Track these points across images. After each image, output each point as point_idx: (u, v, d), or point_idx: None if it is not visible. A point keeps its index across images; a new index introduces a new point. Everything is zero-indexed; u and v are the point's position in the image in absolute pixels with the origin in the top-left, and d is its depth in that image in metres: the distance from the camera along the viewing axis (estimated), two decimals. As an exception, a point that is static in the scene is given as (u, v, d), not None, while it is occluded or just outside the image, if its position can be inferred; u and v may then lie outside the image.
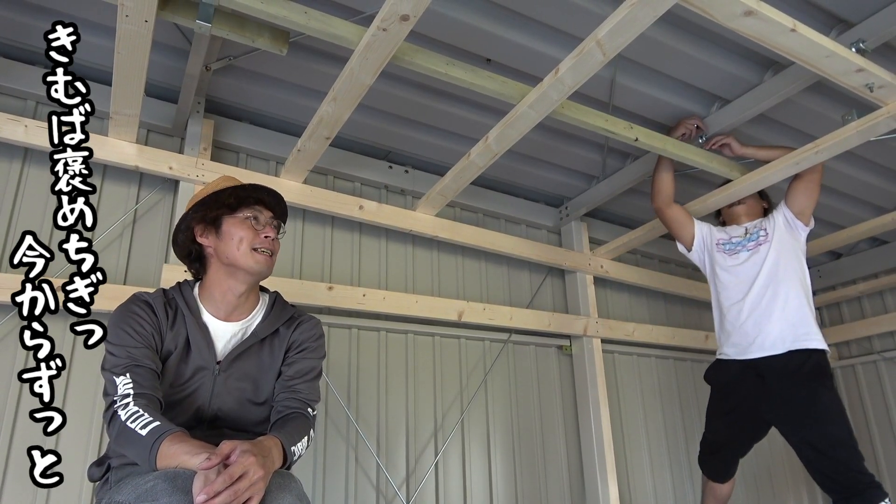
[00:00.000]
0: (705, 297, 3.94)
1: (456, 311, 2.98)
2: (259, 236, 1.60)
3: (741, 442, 2.58)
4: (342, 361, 2.74)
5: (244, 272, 1.58)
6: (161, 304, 1.55)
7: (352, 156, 2.99)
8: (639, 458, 3.49)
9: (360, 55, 1.91)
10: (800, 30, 1.82)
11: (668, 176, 2.76)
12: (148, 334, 1.48)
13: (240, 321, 1.63)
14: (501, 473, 3.01)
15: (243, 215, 1.61)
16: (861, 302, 4.31)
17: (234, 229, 1.59)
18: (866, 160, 3.19)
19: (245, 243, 1.57)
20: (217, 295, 1.61)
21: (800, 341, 2.36)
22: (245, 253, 1.57)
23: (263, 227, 1.63)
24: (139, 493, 1.16)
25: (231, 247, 1.57)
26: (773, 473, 3.99)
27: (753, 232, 2.60)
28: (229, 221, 1.60)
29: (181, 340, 1.53)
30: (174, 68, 2.43)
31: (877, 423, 4.11)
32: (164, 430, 1.28)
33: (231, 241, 1.58)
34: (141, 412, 1.31)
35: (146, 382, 1.40)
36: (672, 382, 3.83)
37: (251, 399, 1.59)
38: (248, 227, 1.60)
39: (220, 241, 1.59)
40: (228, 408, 1.55)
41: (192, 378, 1.52)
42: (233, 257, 1.57)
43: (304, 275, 2.75)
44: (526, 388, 3.26)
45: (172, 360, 1.51)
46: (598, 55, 1.90)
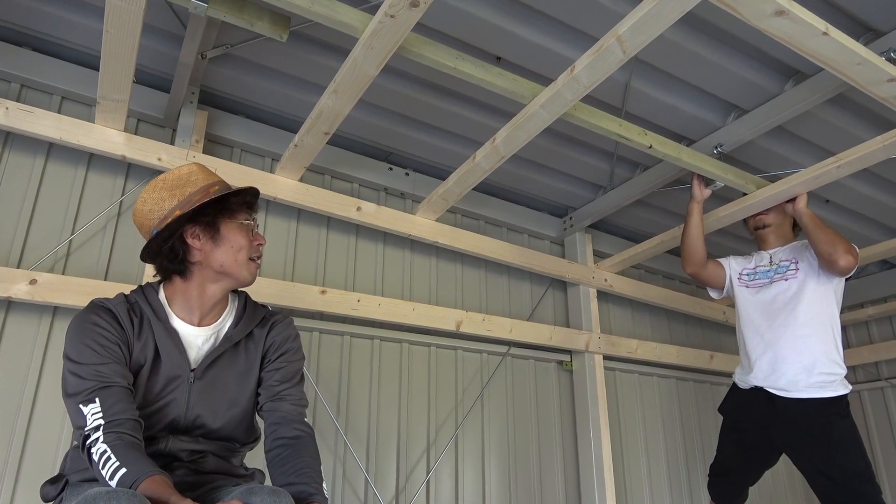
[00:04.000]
0: (711, 315, 3.87)
1: (454, 321, 2.85)
2: (254, 244, 1.52)
3: (752, 467, 2.45)
4: (333, 370, 2.60)
5: (234, 280, 1.49)
6: (125, 312, 1.40)
7: (351, 155, 2.88)
8: (638, 480, 3.36)
9: (365, 44, 1.80)
10: (832, 34, 1.72)
11: (699, 235, 2.55)
12: (115, 346, 1.34)
13: (210, 325, 1.50)
14: (496, 493, 2.87)
15: (243, 220, 1.51)
16: (869, 326, 4.20)
17: (234, 236, 1.48)
18: (883, 178, 3.09)
19: (244, 252, 1.48)
20: (194, 299, 1.47)
21: (813, 389, 2.23)
22: (243, 262, 1.48)
23: (255, 234, 1.54)
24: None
25: (229, 254, 1.46)
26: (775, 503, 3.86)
27: (782, 264, 2.43)
28: (229, 226, 1.48)
29: (150, 351, 1.39)
30: (167, 55, 2.31)
31: (882, 452, 3.99)
32: (134, 478, 1.13)
33: (230, 248, 1.47)
34: (109, 454, 1.17)
35: (118, 406, 1.25)
36: (674, 403, 3.71)
37: (230, 406, 1.46)
38: (247, 234, 1.50)
39: (217, 247, 1.46)
40: (206, 417, 1.42)
41: (164, 389, 1.39)
42: (228, 265, 1.46)
43: (297, 277, 2.62)
44: (524, 405, 3.13)
45: (143, 372, 1.38)
46: (617, 52, 1.79)
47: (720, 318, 3.91)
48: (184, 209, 1.42)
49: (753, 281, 2.49)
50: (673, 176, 2.84)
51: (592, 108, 2.26)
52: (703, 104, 2.61)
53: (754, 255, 2.58)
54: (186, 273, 1.46)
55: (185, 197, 1.45)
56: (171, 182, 1.47)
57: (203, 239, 1.45)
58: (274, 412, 1.49)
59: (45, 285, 2.03)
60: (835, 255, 2.20)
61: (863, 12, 2.13)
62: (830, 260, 2.22)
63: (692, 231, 2.56)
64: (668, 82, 2.50)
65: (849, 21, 2.16)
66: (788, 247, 2.48)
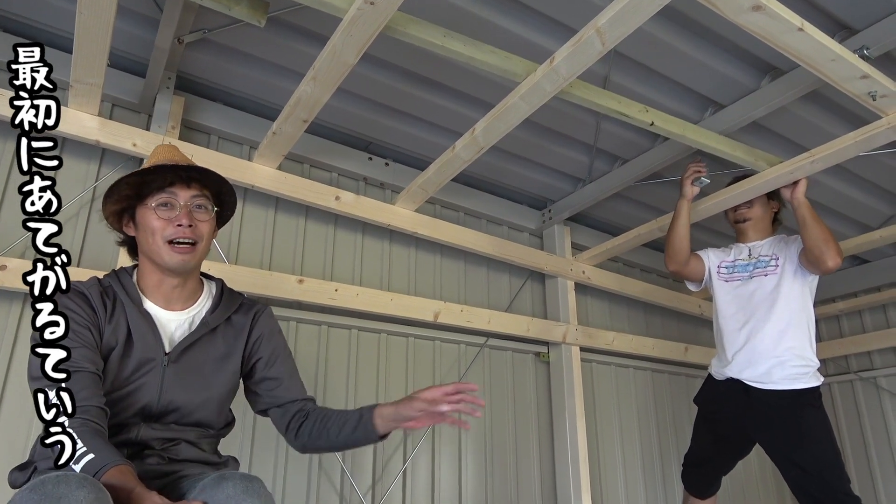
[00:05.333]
0: (687, 308, 3.91)
1: (432, 312, 2.85)
2: (172, 225, 1.40)
3: (725, 457, 2.50)
4: (310, 360, 2.59)
5: (160, 267, 1.43)
6: (97, 294, 1.38)
7: (330, 144, 2.85)
8: (613, 470, 3.40)
9: (345, 31, 1.78)
10: (807, 29, 1.74)
11: (686, 234, 2.54)
12: (85, 330, 1.31)
13: (184, 311, 1.48)
14: (472, 483, 2.88)
15: (153, 203, 1.41)
16: (840, 321, 4.28)
17: (146, 220, 1.41)
18: (854, 175, 3.14)
19: (157, 236, 1.40)
20: (151, 285, 1.46)
21: (787, 380, 2.27)
22: (161, 247, 1.40)
23: (178, 212, 1.41)
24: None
25: (146, 240, 1.42)
26: (747, 494, 3.93)
27: (762, 259, 2.44)
28: (140, 211, 1.43)
29: (122, 333, 1.37)
30: (143, 39, 2.27)
31: (850, 443, 4.08)
32: (100, 465, 1.11)
33: (145, 233, 1.41)
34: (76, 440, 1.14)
35: (84, 392, 1.23)
36: (649, 395, 3.75)
37: (205, 392, 1.45)
38: (157, 217, 1.40)
39: (139, 233, 1.43)
40: (180, 402, 1.40)
41: (136, 372, 1.37)
42: (149, 252, 1.42)
43: (274, 266, 2.60)
44: (501, 395, 3.14)
45: (114, 356, 1.35)
46: (597, 44, 1.80)
47: (696, 311, 3.95)
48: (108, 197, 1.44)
49: (732, 275, 2.52)
50: (651, 169, 2.87)
51: (589, 84, 2.20)
52: (681, 98, 2.63)
53: (733, 247, 2.60)
54: (139, 258, 1.48)
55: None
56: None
57: (132, 227, 1.46)
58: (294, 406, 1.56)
59: (15, 271, 1.98)
60: (826, 254, 2.21)
61: (838, 9, 2.17)
62: (820, 259, 2.22)
63: (680, 230, 2.55)
64: (647, 76, 2.52)
65: (824, 18, 2.19)
66: (767, 241, 2.50)
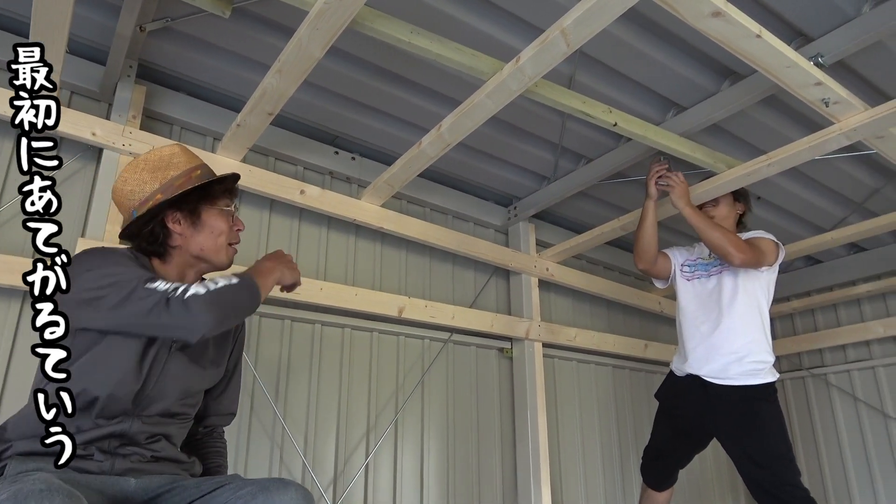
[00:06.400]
0: (648, 305, 3.98)
1: (396, 307, 2.86)
2: (233, 230, 1.55)
3: (683, 451, 2.57)
4: (272, 354, 2.58)
5: (211, 265, 1.53)
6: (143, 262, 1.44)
7: (296, 137, 2.83)
8: (573, 464, 3.45)
9: (311, 24, 1.78)
10: (765, 36, 1.79)
11: (653, 234, 2.59)
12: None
13: None
14: (434, 477, 2.90)
15: (223, 206, 1.54)
16: (793, 318, 4.42)
17: (215, 221, 1.51)
18: (809, 178, 3.24)
19: (224, 237, 1.52)
20: (173, 277, 1.48)
21: (744, 377, 2.34)
22: (222, 247, 1.52)
23: (235, 219, 1.57)
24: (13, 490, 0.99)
25: (209, 239, 1.50)
26: (702, 487, 4.03)
27: (717, 257, 2.50)
28: (210, 212, 1.51)
29: None
30: (104, 26, 2.22)
31: (801, 437, 4.22)
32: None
33: (210, 233, 1.50)
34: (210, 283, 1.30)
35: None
36: (609, 390, 3.82)
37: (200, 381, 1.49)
38: (227, 220, 1.54)
39: (197, 232, 1.49)
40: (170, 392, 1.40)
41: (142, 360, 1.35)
42: (208, 250, 1.50)
43: (237, 260, 2.55)
44: (464, 391, 3.17)
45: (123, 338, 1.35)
46: (561, 45, 1.82)
47: (656, 308, 4.03)
48: (166, 194, 1.45)
49: (693, 273, 2.58)
50: (615, 169, 2.91)
51: (554, 84, 2.24)
52: (644, 100, 2.68)
53: (696, 245, 2.67)
54: (165, 255, 1.48)
55: (168, 180, 1.46)
56: (154, 163, 1.48)
57: (184, 224, 1.48)
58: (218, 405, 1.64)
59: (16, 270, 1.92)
60: (728, 255, 2.33)
61: (795, 17, 2.22)
62: (726, 259, 2.36)
63: (647, 229, 2.60)
64: (612, 77, 2.56)
65: (782, 25, 2.25)
66: None
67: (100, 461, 1.27)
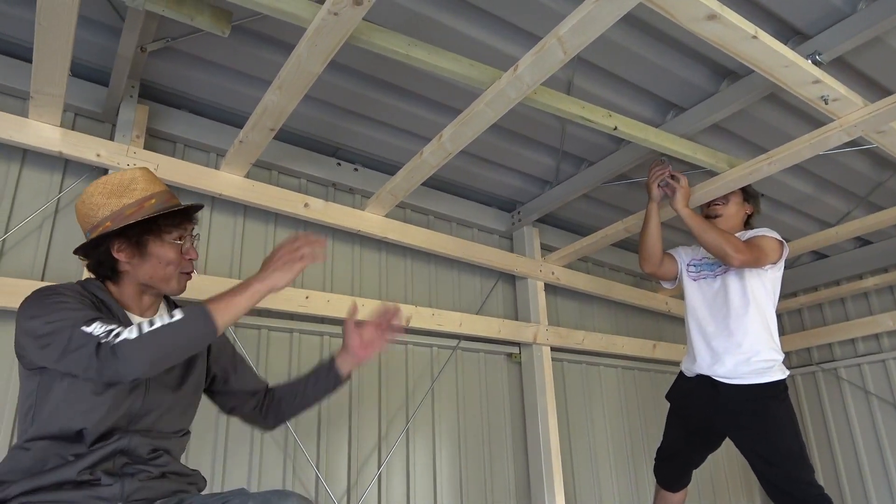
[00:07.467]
0: (655, 306, 3.98)
1: (403, 317, 2.86)
2: (184, 259, 1.52)
3: (695, 451, 2.57)
4: (281, 367, 2.59)
5: (162, 291, 1.53)
6: (87, 296, 1.41)
7: (298, 150, 2.85)
8: (586, 468, 3.45)
9: (309, 41, 1.79)
10: (761, 37, 1.80)
11: (657, 236, 2.60)
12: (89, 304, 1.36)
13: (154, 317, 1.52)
14: (447, 485, 2.91)
15: (172, 239, 1.50)
16: (801, 314, 4.40)
17: (162, 252, 1.48)
18: (812, 174, 3.24)
19: (172, 267, 1.50)
20: (130, 298, 1.50)
21: (753, 375, 2.33)
22: (171, 276, 1.50)
23: (188, 247, 1.54)
24: None
25: (157, 269, 1.48)
26: (716, 486, 4.02)
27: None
28: (156, 244, 1.48)
29: None
30: (106, 48, 2.24)
31: (814, 433, 4.20)
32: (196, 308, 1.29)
33: (158, 263, 1.48)
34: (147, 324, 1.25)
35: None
36: (619, 392, 3.81)
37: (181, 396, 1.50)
38: (176, 251, 1.50)
39: (144, 262, 1.47)
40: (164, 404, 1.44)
41: None
42: (156, 279, 1.49)
43: (244, 274, 2.59)
44: (473, 397, 3.17)
45: None
46: (558, 53, 1.83)
47: (663, 308, 4.03)
48: (115, 223, 1.44)
49: (699, 273, 2.58)
50: (617, 171, 2.91)
51: (553, 91, 2.25)
52: (643, 102, 2.68)
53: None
54: (117, 279, 1.49)
55: (119, 209, 1.45)
56: (111, 188, 1.47)
57: (129, 254, 1.46)
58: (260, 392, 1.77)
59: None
60: (726, 256, 2.33)
61: (791, 16, 2.23)
62: (725, 260, 2.36)
63: (651, 232, 2.61)
64: (610, 81, 2.56)
65: (778, 24, 2.26)
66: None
67: (109, 485, 1.28)
